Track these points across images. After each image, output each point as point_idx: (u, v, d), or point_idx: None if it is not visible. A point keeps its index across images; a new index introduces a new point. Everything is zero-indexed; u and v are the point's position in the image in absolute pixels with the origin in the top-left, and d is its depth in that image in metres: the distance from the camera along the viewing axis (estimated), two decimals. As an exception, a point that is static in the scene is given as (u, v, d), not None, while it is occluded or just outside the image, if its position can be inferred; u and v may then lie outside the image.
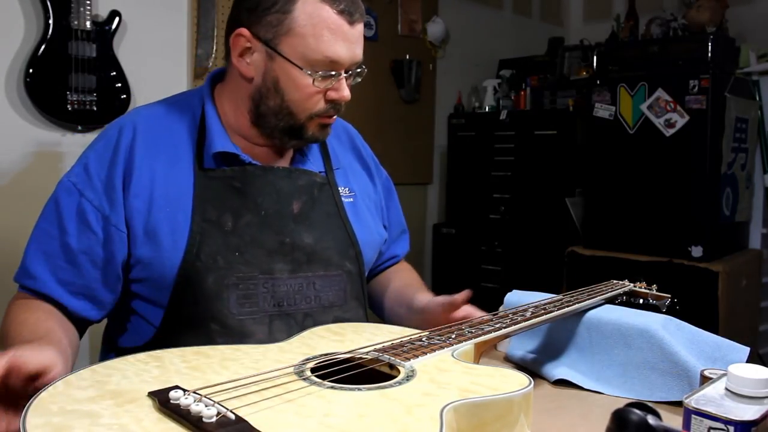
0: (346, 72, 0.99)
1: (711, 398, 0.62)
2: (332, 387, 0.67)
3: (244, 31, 0.96)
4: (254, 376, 0.68)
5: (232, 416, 0.57)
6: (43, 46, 2.05)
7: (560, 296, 1.07)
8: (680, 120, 2.66)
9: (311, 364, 0.73)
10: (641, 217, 2.78)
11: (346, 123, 1.25)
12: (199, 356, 0.74)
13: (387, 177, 1.28)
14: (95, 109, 2.15)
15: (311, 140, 1.04)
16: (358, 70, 1.01)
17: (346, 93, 0.99)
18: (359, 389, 0.67)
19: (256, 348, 0.80)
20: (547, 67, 3.56)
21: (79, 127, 2.16)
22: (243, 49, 0.97)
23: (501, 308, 1.17)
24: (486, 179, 3.40)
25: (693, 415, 0.61)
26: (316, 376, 0.70)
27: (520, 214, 3.28)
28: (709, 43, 2.62)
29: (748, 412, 0.59)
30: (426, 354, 0.78)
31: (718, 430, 0.59)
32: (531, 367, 1.07)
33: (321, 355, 0.77)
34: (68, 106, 2.11)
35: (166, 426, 0.57)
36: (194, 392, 0.61)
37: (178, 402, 0.59)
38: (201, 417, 0.56)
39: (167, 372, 0.68)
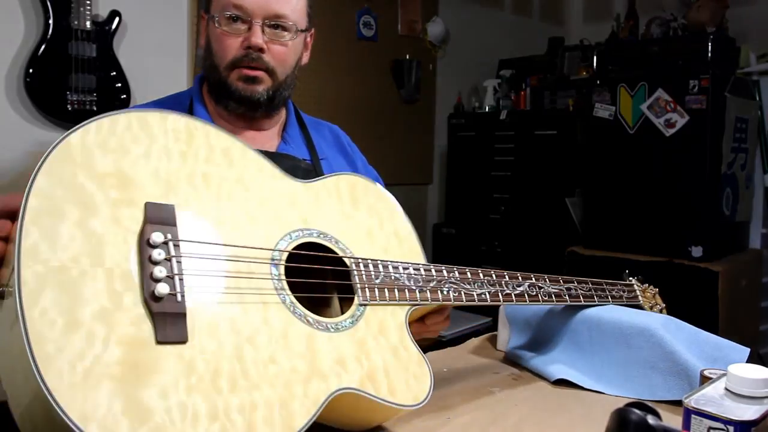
0: (264, 22, 1.06)
1: (711, 398, 0.62)
2: (291, 304, 0.69)
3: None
4: (234, 247, 0.68)
5: (179, 302, 0.60)
6: (43, 46, 2.05)
7: (570, 279, 1.03)
8: (680, 120, 2.66)
9: (292, 246, 0.74)
10: (641, 217, 2.78)
11: (334, 125, 1.30)
12: (223, 159, 0.73)
13: (377, 176, 1.31)
14: (95, 109, 2.15)
15: (240, 98, 1.08)
16: (280, 22, 1.07)
17: (255, 39, 1.05)
18: (301, 318, 0.69)
19: (273, 178, 0.79)
20: (547, 67, 3.56)
21: (79, 127, 2.16)
22: (204, 26, 1.12)
23: (501, 309, 1.17)
24: (486, 179, 3.40)
25: (693, 415, 0.61)
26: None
27: (520, 214, 3.28)
28: (709, 43, 2.62)
29: (748, 412, 0.59)
30: (390, 301, 0.78)
31: (717, 430, 0.59)
32: (531, 367, 1.07)
33: (307, 240, 0.76)
34: (68, 106, 2.11)
35: (129, 256, 0.60)
36: (174, 244, 0.63)
37: (150, 254, 0.61)
38: (153, 291, 0.59)
39: (181, 170, 0.68)
